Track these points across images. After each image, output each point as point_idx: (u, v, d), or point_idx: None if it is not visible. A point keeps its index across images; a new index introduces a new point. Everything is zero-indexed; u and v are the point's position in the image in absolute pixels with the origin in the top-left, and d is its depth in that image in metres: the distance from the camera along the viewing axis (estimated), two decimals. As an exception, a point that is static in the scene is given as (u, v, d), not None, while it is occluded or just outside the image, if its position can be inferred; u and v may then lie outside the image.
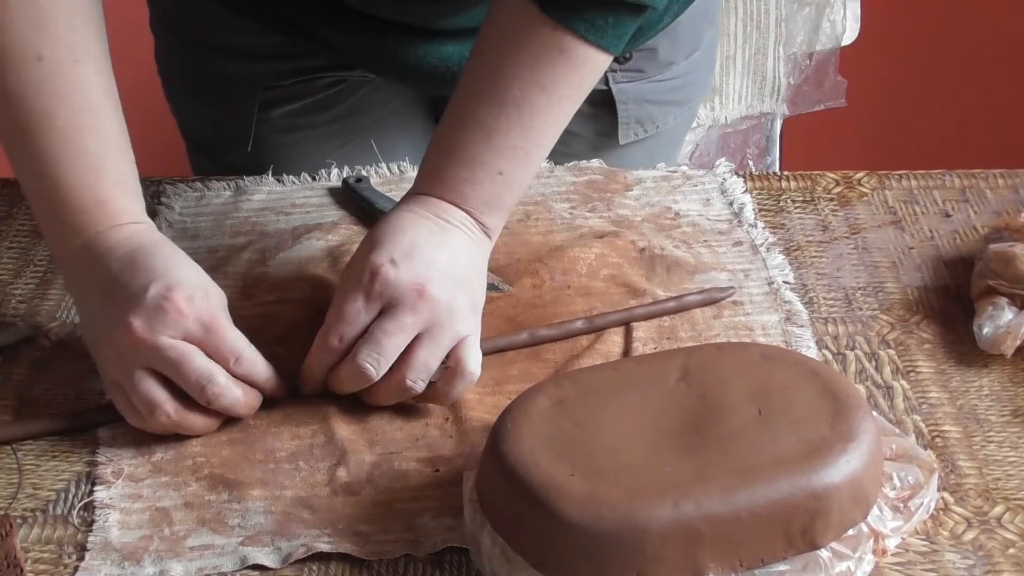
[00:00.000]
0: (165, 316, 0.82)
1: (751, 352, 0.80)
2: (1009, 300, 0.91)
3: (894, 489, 0.76)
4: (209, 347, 0.83)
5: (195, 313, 0.83)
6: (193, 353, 0.83)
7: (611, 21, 0.88)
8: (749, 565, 0.71)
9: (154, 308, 0.82)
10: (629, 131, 1.21)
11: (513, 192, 0.91)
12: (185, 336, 0.82)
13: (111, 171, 0.87)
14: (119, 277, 0.84)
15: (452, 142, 0.90)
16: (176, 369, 0.82)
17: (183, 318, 0.82)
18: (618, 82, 1.19)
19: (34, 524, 0.80)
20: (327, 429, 0.86)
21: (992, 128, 2.32)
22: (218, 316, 0.84)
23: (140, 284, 0.83)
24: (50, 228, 0.88)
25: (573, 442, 0.74)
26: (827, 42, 1.82)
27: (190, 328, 0.82)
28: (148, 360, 0.82)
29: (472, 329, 0.86)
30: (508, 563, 0.73)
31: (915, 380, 0.90)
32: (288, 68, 1.16)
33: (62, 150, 0.86)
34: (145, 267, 0.84)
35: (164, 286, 0.83)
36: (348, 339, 0.85)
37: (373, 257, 0.85)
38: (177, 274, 0.84)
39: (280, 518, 0.80)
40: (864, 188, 1.10)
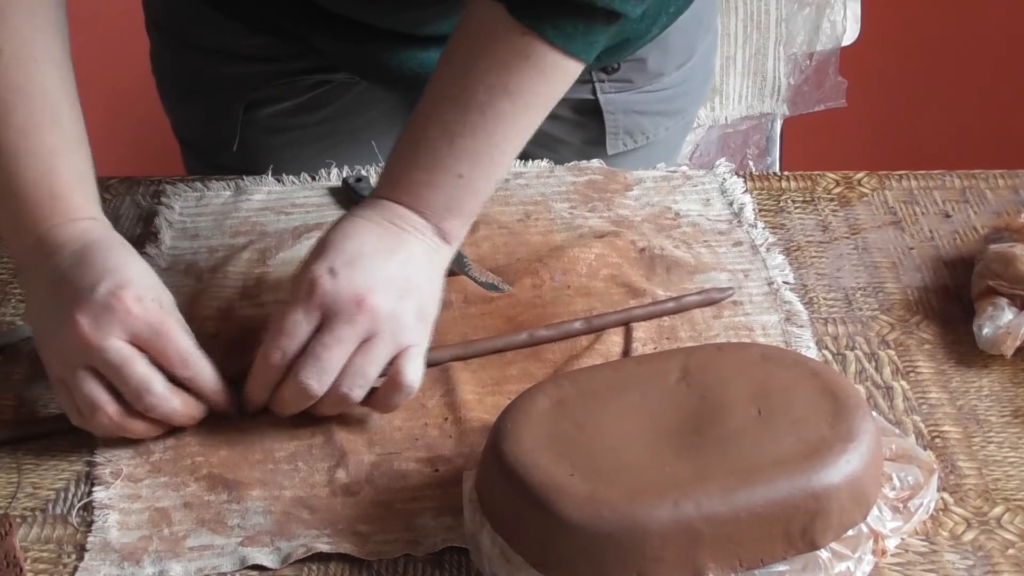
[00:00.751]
0: (113, 315, 0.81)
1: (751, 352, 0.80)
2: (1009, 300, 0.91)
3: (894, 489, 0.76)
4: (156, 350, 0.82)
5: (144, 315, 0.81)
6: (134, 358, 0.81)
7: (581, 28, 0.86)
8: (749, 565, 0.71)
9: (102, 306, 0.81)
10: (618, 141, 1.20)
11: (474, 197, 0.89)
12: (132, 337, 0.81)
13: (67, 167, 0.87)
14: (68, 273, 0.83)
15: (413, 145, 0.88)
16: (117, 373, 0.81)
17: (131, 318, 0.81)
18: (606, 92, 1.17)
19: (34, 523, 0.80)
20: (326, 429, 0.86)
21: (992, 128, 2.32)
22: (167, 319, 0.83)
23: (89, 281, 0.82)
24: (5, 223, 0.87)
25: (573, 442, 0.74)
26: (827, 42, 1.82)
27: (138, 329, 0.81)
28: (91, 360, 0.81)
29: (416, 339, 0.84)
30: (508, 563, 0.73)
31: (915, 380, 0.90)
32: (274, 70, 1.16)
33: (18, 145, 0.85)
34: (95, 264, 0.83)
35: (114, 284, 0.81)
36: (290, 354, 0.83)
37: (314, 267, 0.83)
38: (128, 273, 0.83)
39: (279, 518, 0.80)
40: (864, 188, 1.10)
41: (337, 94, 1.18)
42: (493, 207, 1.07)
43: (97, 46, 2.15)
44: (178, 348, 0.83)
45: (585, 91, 1.17)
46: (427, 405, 0.88)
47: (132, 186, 1.12)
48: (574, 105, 1.17)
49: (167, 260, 1.02)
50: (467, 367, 0.91)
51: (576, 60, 0.87)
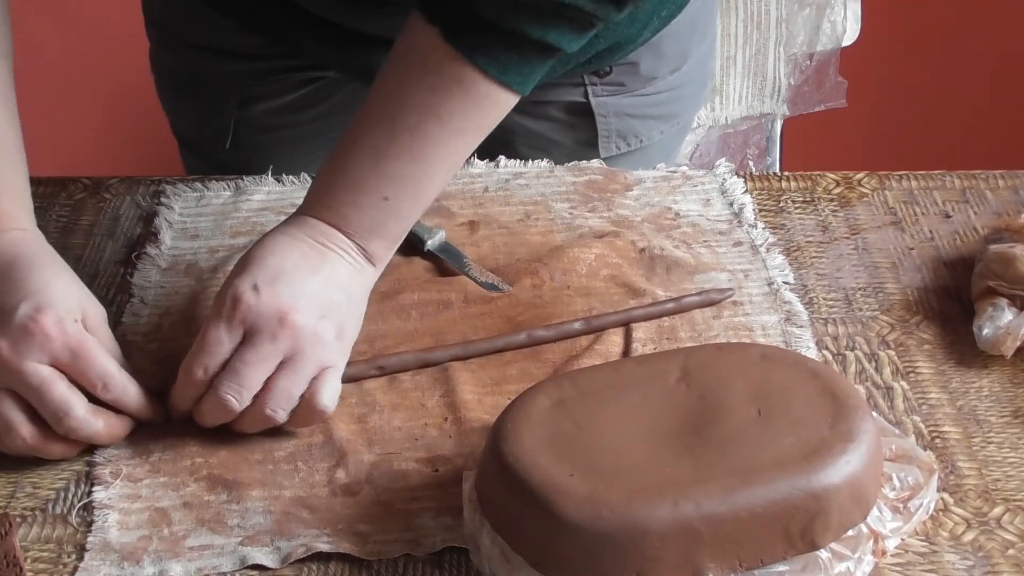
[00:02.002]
0: (32, 339, 0.80)
1: (751, 352, 0.80)
2: (1009, 301, 0.91)
3: (894, 490, 0.76)
4: (76, 372, 0.81)
5: (63, 338, 0.81)
6: (54, 382, 0.80)
7: (515, 59, 0.85)
8: (748, 565, 0.71)
9: (20, 329, 0.80)
10: (611, 144, 1.19)
11: (398, 221, 0.88)
12: (52, 360, 0.81)
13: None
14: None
15: (341, 164, 0.87)
16: (36, 397, 0.81)
17: (50, 342, 0.80)
18: (597, 95, 1.17)
19: (34, 523, 0.80)
20: (326, 429, 0.86)
21: (992, 129, 2.32)
22: (87, 341, 0.82)
23: (11, 303, 0.81)
24: None
25: (573, 442, 0.74)
26: (827, 43, 1.82)
27: (57, 352, 0.80)
28: (9, 382, 0.81)
29: (335, 360, 0.84)
30: (507, 563, 0.73)
31: (915, 381, 0.90)
32: (267, 67, 1.16)
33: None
34: (19, 282, 0.82)
35: (33, 307, 0.81)
36: (212, 370, 0.82)
37: (237, 283, 0.83)
38: (50, 294, 0.82)
39: (279, 518, 0.80)
40: (864, 189, 1.10)
41: (329, 92, 1.18)
42: (493, 207, 1.07)
43: (97, 46, 2.15)
44: (98, 370, 0.82)
45: (577, 93, 1.17)
46: (427, 405, 0.88)
47: (132, 186, 1.12)
48: (566, 107, 1.17)
49: (167, 260, 1.02)
50: (467, 367, 0.91)
51: (511, 91, 0.86)
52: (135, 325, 0.95)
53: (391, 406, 0.88)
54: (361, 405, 0.88)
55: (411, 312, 0.96)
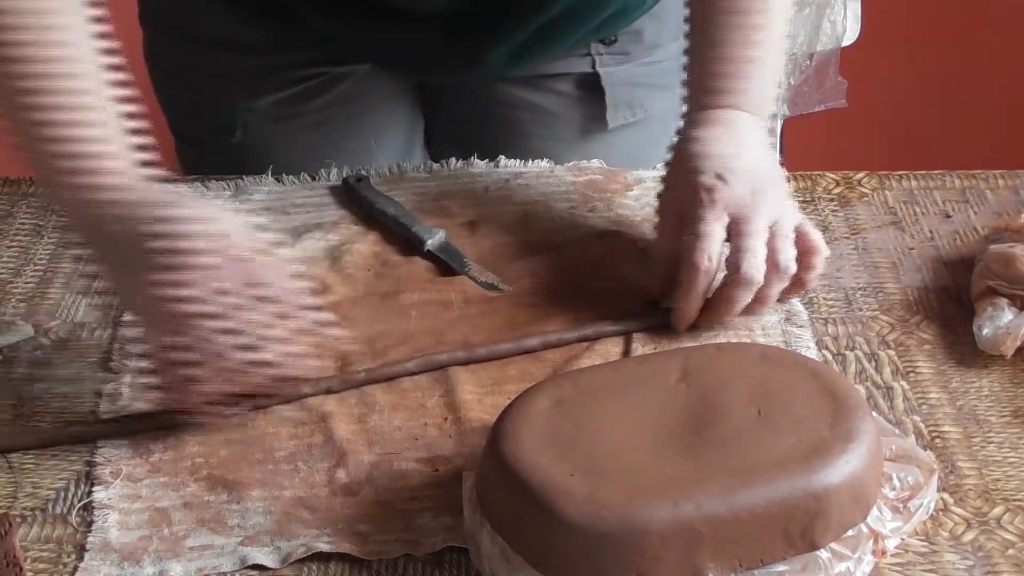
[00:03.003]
0: (223, 259, 0.81)
1: (751, 352, 0.80)
2: (1009, 301, 0.91)
3: (894, 490, 0.76)
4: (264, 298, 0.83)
5: (251, 260, 0.83)
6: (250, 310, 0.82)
7: None
8: (748, 565, 0.71)
9: (213, 252, 0.81)
10: (618, 115, 1.21)
11: (778, 76, 0.99)
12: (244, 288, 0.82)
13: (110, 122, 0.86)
14: (156, 226, 0.82)
15: (714, 53, 0.97)
16: (278, 303, 0.83)
17: (242, 263, 0.82)
18: (604, 64, 1.18)
19: (34, 523, 0.80)
20: (326, 429, 0.86)
21: (992, 128, 2.32)
22: (274, 264, 0.85)
23: (189, 231, 0.82)
24: (51, 184, 0.87)
25: (573, 442, 0.74)
26: (827, 43, 1.82)
27: (248, 273, 0.82)
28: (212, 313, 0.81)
29: (800, 214, 0.92)
30: (507, 563, 0.73)
31: (915, 381, 0.90)
32: (274, 62, 1.16)
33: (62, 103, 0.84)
34: (185, 216, 0.83)
35: (217, 233, 0.82)
36: (716, 256, 0.89)
37: (702, 179, 0.90)
38: (224, 222, 0.84)
39: (279, 518, 0.80)
40: (864, 188, 1.10)
41: (335, 82, 1.19)
42: (493, 207, 1.07)
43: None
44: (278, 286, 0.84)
45: (585, 64, 1.18)
46: (427, 405, 0.88)
47: (132, 186, 1.12)
48: (575, 80, 1.19)
49: (167, 260, 1.02)
50: (466, 367, 0.91)
51: None
52: (135, 325, 0.95)
53: (391, 406, 0.88)
54: (361, 405, 0.88)
55: (411, 312, 0.96)
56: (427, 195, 1.08)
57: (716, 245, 0.89)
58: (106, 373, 0.92)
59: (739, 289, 0.89)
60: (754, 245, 0.89)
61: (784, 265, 0.89)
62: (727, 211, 0.89)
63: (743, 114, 0.96)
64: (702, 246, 0.89)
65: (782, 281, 0.90)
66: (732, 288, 0.89)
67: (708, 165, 0.91)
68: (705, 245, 0.89)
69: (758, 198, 0.90)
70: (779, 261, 0.89)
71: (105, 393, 0.89)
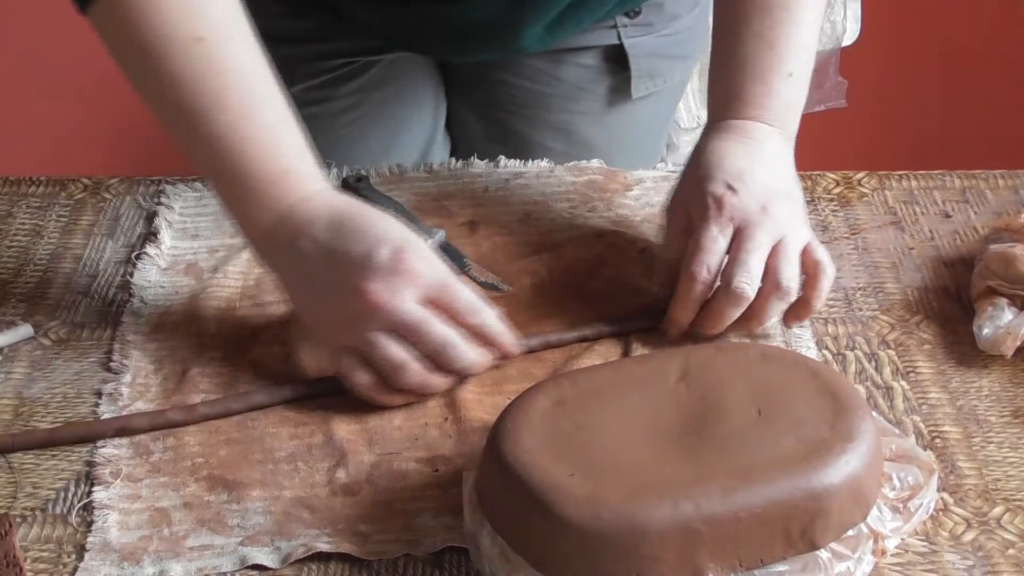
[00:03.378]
0: (402, 278, 0.83)
1: (751, 352, 0.80)
2: (1009, 301, 0.91)
3: (894, 490, 0.76)
4: (445, 304, 0.84)
5: (430, 272, 0.84)
6: (432, 317, 0.84)
7: None
8: (748, 565, 0.71)
9: (389, 272, 0.83)
10: (641, 85, 1.23)
11: (803, 90, 0.97)
12: (423, 296, 0.84)
13: (288, 140, 0.89)
14: (334, 245, 0.85)
15: (738, 61, 0.95)
16: (418, 333, 0.84)
17: (419, 278, 0.83)
18: (629, 36, 1.20)
19: (33, 523, 0.80)
20: (326, 429, 0.86)
21: (992, 128, 2.32)
22: (449, 273, 0.85)
23: (364, 249, 0.84)
24: (237, 207, 0.89)
25: (573, 442, 0.74)
26: (828, 42, 1.82)
27: (427, 287, 0.84)
28: (388, 324, 0.83)
29: (810, 233, 0.91)
30: (507, 563, 0.73)
31: (915, 381, 0.90)
32: (310, 51, 1.17)
33: (240, 127, 0.86)
34: (360, 231, 0.85)
35: (392, 248, 0.83)
36: (714, 268, 0.88)
37: (712, 188, 0.90)
38: (400, 235, 0.85)
39: (279, 518, 0.80)
40: (864, 188, 1.10)
41: (365, 69, 1.20)
42: (493, 207, 1.07)
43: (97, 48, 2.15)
44: (466, 298, 0.85)
45: (611, 36, 1.20)
46: (427, 405, 0.88)
47: (132, 186, 1.12)
48: (601, 52, 1.21)
49: (167, 260, 1.02)
50: (467, 367, 0.91)
51: None
52: (135, 324, 0.95)
53: (391, 406, 0.88)
54: (361, 404, 0.88)
55: (411, 312, 0.96)
56: (427, 195, 1.08)
57: (716, 256, 0.89)
58: (106, 373, 0.92)
59: (728, 303, 0.88)
60: (750, 261, 0.88)
61: (784, 285, 0.88)
62: (732, 223, 0.89)
63: (764, 126, 0.95)
64: (701, 256, 0.89)
65: (780, 301, 0.89)
66: (722, 301, 0.89)
67: (720, 174, 0.91)
68: (704, 256, 0.89)
69: (766, 213, 0.89)
70: (779, 280, 0.88)
71: (105, 393, 0.90)
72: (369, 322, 0.83)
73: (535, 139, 1.24)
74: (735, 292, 0.87)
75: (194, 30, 0.85)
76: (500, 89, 1.23)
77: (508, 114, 1.22)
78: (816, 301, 0.90)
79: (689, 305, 0.90)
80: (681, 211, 0.93)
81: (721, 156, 0.92)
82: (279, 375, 0.90)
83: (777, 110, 0.96)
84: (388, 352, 0.84)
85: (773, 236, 0.89)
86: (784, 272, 0.88)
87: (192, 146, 0.88)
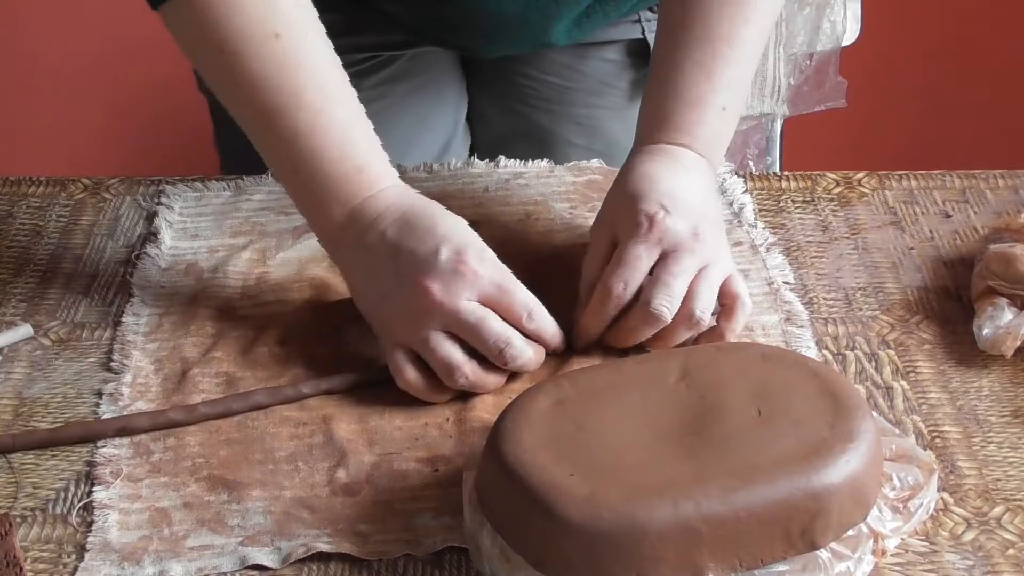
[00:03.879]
0: (462, 279, 0.84)
1: (751, 352, 0.80)
2: (1009, 301, 0.91)
3: (894, 490, 0.76)
4: (502, 306, 0.85)
5: (489, 273, 0.85)
6: (490, 316, 0.85)
7: None
8: (748, 565, 0.71)
9: (450, 272, 0.84)
10: None
11: (731, 126, 0.97)
12: (481, 297, 0.85)
13: (362, 137, 0.89)
14: (400, 242, 0.86)
15: (674, 87, 0.94)
16: (474, 333, 0.85)
17: (478, 279, 0.84)
18: (653, 30, 1.19)
19: (34, 523, 0.80)
20: (326, 429, 0.86)
21: (992, 128, 2.32)
22: (508, 274, 0.86)
23: (428, 248, 0.85)
24: (310, 203, 0.90)
25: (573, 442, 0.74)
26: (827, 42, 1.81)
27: (485, 289, 0.85)
28: (445, 323, 0.85)
29: (733, 265, 0.91)
30: (507, 563, 0.73)
31: (915, 381, 0.90)
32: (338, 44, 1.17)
33: (315, 124, 0.87)
34: (426, 230, 0.86)
35: (454, 249, 0.85)
36: (633, 286, 0.87)
37: (645, 207, 0.88)
38: (462, 236, 0.86)
39: (280, 518, 0.80)
40: (864, 188, 1.10)
41: (389, 62, 1.21)
42: (493, 207, 1.07)
43: (97, 46, 2.15)
44: (522, 300, 0.86)
45: (635, 31, 1.21)
46: (427, 405, 0.88)
47: (132, 186, 1.12)
48: (624, 47, 1.21)
49: (167, 260, 1.02)
50: (467, 367, 0.91)
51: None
52: (135, 325, 0.95)
53: (392, 406, 0.88)
54: (362, 405, 0.88)
55: (411, 312, 0.96)
56: (427, 195, 1.08)
57: (637, 275, 0.88)
58: (106, 373, 0.92)
59: (643, 323, 0.87)
60: (674, 284, 0.87)
61: (698, 315, 0.87)
62: (660, 245, 0.88)
63: (692, 154, 0.94)
64: (621, 272, 0.88)
65: (690, 329, 0.88)
66: (637, 319, 0.88)
67: (654, 194, 0.89)
68: (624, 272, 0.88)
69: (697, 239, 0.88)
70: (693, 308, 0.87)
71: (105, 393, 0.90)
72: (429, 320, 0.85)
73: (558, 134, 1.24)
74: (653, 314, 0.86)
75: (271, 26, 0.86)
76: (523, 83, 1.23)
77: (531, 108, 1.23)
78: (729, 334, 0.89)
79: (601, 318, 0.89)
80: (607, 230, 0.92)
81: (653, 177, 0.91)
82: (280, 375, 0.90)
83: (706, 140, 0.94)
84: (444, 351, 0.85)
85: (699, 263, 0.88)
86: (701, 301, 0.87)
87: (267, 143, 0.89)
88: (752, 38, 0.96)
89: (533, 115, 1.22)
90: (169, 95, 1.81)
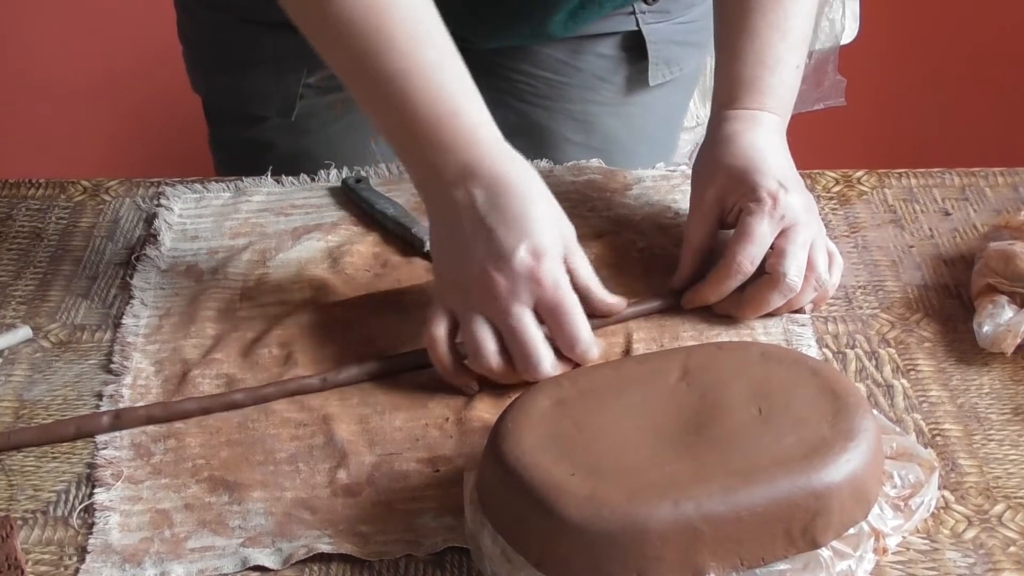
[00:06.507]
0: (528, 284, 0.85)
1: (751, 351, 0.80)
2: (1009, 298, 0.91)
3: (895, 488, 0.76)
4: (552, 324, 0.86)
5: (552, 291, 0.85)
6: (533, 331, 0.85)
7: None
8: (750, 564, 0.71)
9: (521, 273, 0.84)
10: (658, 72, 1.24)
11: (800, 78, 1.01)
12: (536, 303, 0.85)
13: (454, 80, 0.89)
14: (487, 218, 0.86)
15: (753, 50, 0.98)
16: (513, 335, 0.85)
17: (540, 290, 0.85)
18: (647, 23, 1.21)
19: (35, 525, 0.80)
20: (327, 430, 0.86)
21: (991, 126, 2.32)
22: (568, 300, 0.86)
23: (511, 241, 0.85)
24: (406, 147, 0.90)
25: (573, 442, 0.74)
26: (826, 41, 1.82)
27: (543, 301, 0.85)
28: (492, 315, 0.85)
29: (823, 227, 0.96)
30: (508, 563, 0.73)
31: (915, 379, 0.90)
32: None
33: (403, 67, 0.87)
34: (515, 216, 0.86)
35: (533, 251, 0.85)
36: (758, 261, 0.92)
37: (766, 184, 0.92)
38: (548, 235, 0.86)
39: (281, 519, 0.80)
40: (864, 187, 1.10)
41: None
42: (493, 207, 1.06)
43: (97, 47, 2.15)
44: (570, 333, 0.86)
45: (630, 23, 1.21)
46: (428, 405, 0.88)
47: (132, 188, 1.12)
48: (620, 40, 1.21)
49: (167, 262, 1.02)
50: (467, 367, 0.91)
51: None
52: (135, 326, 0.96)
53: (392, 406, 0.88)
54: (362, 406, 0.88)
55: (411, 312, 0.96)
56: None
57: (762, 250, 0.92)
58: (107, 375, 0.92)
59: (776, 292, 0.92)
60: (800, 255, 0.92)
61: (823, 277, 0.93)
62: (782, 222, 0.92)
63: (775, 117, 0.98)
64: (748, 248, 0.92)
65: (815, 291, 0.94)
66: (769, 290, 0.92)
67: (770, 170, 0.94)
68: (751, 248, 0.92)
69: (809, 213, 0.93)
70: (819, 273, 0.93)
71: (106, 395, 0.90)
72: (481, 305, 0.86)
73: (555, 131, 1.24)
74: (788, 284, 0.91)
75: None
76: (519, 80, 1.23)
77: (528, 106, 1.23)
78: (832, 289, 0.95)
79: (721, 289, 0.93)
80: (716, 198, 0.95)
81: (759, 147, 0.95)
82: (279, 376, 0.90)
83: (785, 101, 0.99)
84: (481, 335, 0.85)
85: (811, 234, 0.93)
86: (822, 266, 0.93)
87: (360, 89, 0.90)
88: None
89: (529, 112, 1.22)
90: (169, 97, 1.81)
